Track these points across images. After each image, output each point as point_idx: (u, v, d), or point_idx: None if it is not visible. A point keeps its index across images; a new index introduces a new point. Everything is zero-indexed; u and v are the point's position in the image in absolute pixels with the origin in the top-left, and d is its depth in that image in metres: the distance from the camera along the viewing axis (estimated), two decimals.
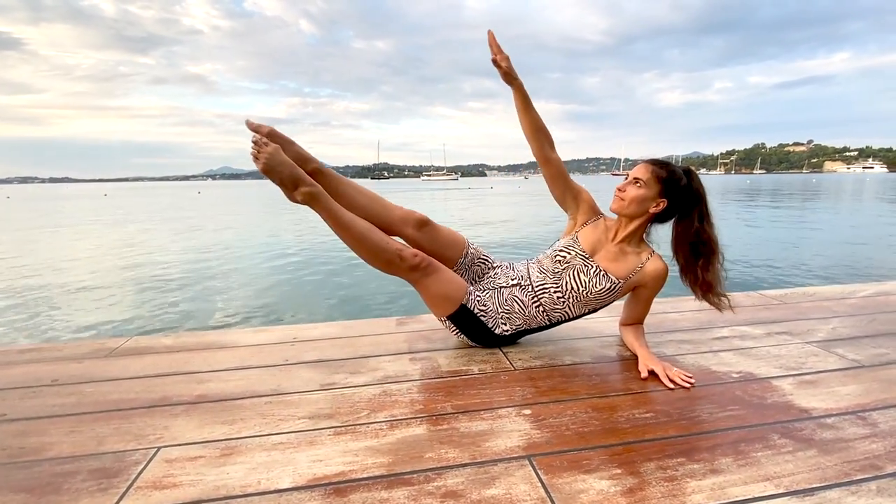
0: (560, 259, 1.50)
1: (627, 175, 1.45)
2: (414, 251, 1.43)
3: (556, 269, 1.49)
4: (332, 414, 1.15)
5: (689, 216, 1.40)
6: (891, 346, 1.55)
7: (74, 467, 0.95)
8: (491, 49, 1.43)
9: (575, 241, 1.51)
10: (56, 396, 1.26)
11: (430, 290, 1.46)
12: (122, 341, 1.67)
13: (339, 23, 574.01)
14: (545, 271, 1.50)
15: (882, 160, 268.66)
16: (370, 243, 1.39)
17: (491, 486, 0.88)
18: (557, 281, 1.48)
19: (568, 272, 1.48)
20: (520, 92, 1.46)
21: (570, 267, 1.48)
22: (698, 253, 1.39)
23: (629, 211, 1.42)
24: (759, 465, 0.94)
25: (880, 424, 1.09)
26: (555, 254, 1.51)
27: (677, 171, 1.40)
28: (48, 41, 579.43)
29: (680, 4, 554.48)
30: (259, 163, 1.32)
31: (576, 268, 1.47)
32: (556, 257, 1.50)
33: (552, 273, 1.49)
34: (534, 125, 1.48)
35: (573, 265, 1.48)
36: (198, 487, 0.89)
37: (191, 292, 5.74)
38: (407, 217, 1.51)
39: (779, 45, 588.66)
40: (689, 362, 1.44)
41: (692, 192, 1.40)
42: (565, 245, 1.52)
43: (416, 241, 1.51)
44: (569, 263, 1.48)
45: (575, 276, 1.47)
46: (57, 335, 4.31)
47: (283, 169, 1.33)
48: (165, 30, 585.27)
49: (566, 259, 1.49)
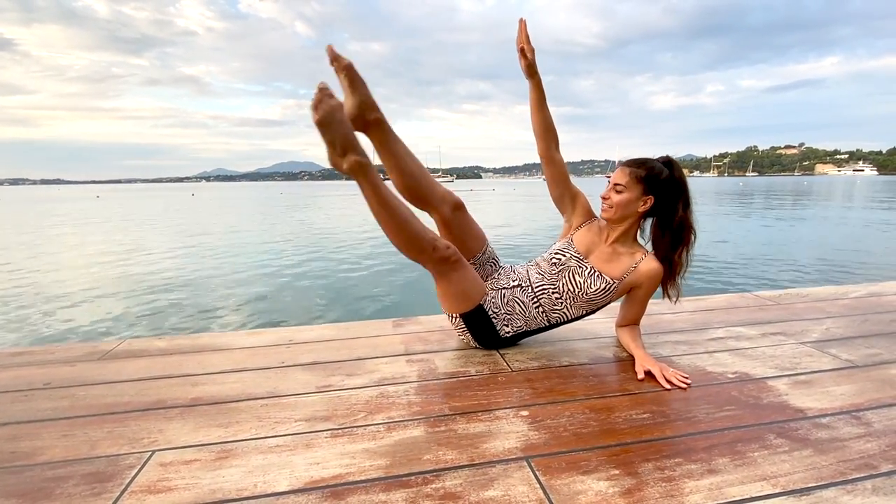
0: (556, 261, 1.51)
1: (609, 181, 1.46)
2: (447, 243, 1.39)
3: (553, 271, 1.50)
4: (329, 416, 1.14)
5: (673, 206, 1.42)
6: (883, 347, 1.56)
7: (67, 472, 0.94)
8: (519, 37, 1.42)
9: (570, 243, 1.53)
10: (48, 400, 1.24)
11: (452, 285, 1.44)
12: (116, 344, 1.65)
13: (334, 25, 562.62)
14: (543, 273, 1.52)
15: (872, 163, 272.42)
16: (409, 230, 1.33)
17: (489, 487, 0.88)
18: (555, 282, 1.49)
19: (564, 274, 1.49)
20: (538, 88, 1.47)
21: (566, 269, 1.49)
22: (680, 240, 1.42)
23: (619, 216, 1.44)
24: (755, 464, 0.94)
25: (874, 424, 1.09)
26: (551, 256, 1.53)
27: (656, 166, 1.41)
28: (40, 42, 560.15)
29: (672, 9, 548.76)
30: (316, 113, 1.18)
31: (571, 270, 1.48)
32: (552, 260, 1.52)
33: (549, 275, 1.50)
34: (544, 123, 1.49)
35: (568, 267, 1.49)
36: (193, 491, 0.88)
37: (185, 295, 5.70)
38: (446, 196, 1.50)
39: (769, 50, 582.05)
40: (685, 363, 1.45)
41: (675, 183, 1.42)
42: (561, 248, 1.53)
43: (448, 222, 1.50)
44: (564, 265, 1.50)
45: (571, 277, 1.48)
46: (49, 338, 4.26)
47: (338, 128, 1.20)
48: (159, 31, 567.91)
49: (562, 261, 1.50)
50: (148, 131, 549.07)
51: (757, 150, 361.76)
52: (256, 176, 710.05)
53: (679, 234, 1.42)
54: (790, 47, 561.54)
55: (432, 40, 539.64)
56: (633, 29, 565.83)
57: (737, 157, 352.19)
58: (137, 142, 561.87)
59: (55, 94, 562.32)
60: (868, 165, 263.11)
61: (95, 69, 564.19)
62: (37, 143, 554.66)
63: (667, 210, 1.43)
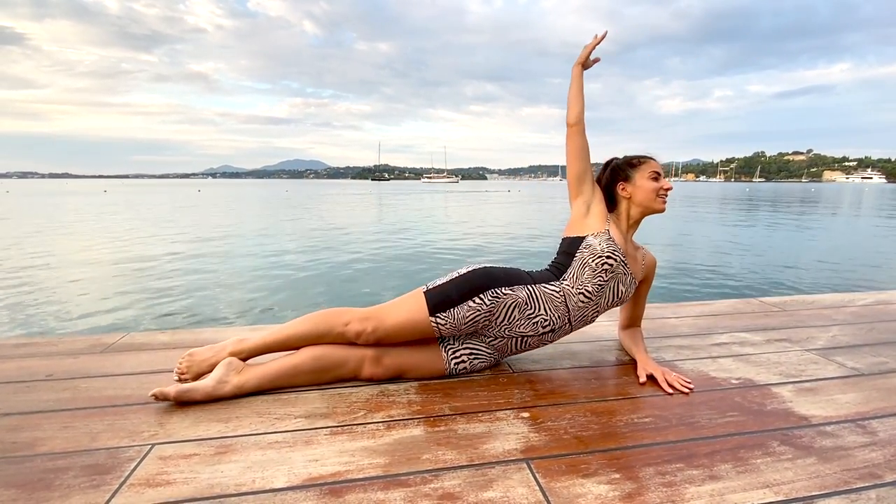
0: (607, 268, 1.32)
1: (651, 172, 1.39)
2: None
3: (600, 283, 1.33)
4: (329, 414, 1.14)
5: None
6: (890, 355, 1.55)
7: (67, 463, 0.94)
8: (591, 48, 1.42)
9: (613, 242, 1.34)
10: (50, 391, 1.25)
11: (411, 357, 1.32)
12: (118, 337, 1.65)
13: (342, 24, 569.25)
14: (590, 297, 1.33)
15: (880, 171, 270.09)
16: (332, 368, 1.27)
17: (488, 488, 0.87)
18: (598, 300, 1.34)
19: (611, 283, 1.34)
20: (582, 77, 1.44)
21: (614, 278, 1.34)
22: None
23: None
24: (758, 471, 0.93)
25: (880, 433, 1.08)
26: (602, 262, 1.31)
27: None
28: (51, 37, 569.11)
29: (681, 13, 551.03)
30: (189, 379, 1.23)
31: (618, 279, 1.35)
32: (603, 265, 1.31)
33: (596, 295, 1.33)
34: (583, 107, 1.41)
35: (616, 275, 1.34)
36: (191, 485, 0.87)
37: (188, 289, 5.72)
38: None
39: (778, 55, 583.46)
40: (688, 368, 1.44)
41: None
42: (610, 250, 1.32)
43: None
44: (614, 274, 1.33)
45: (616, 287, 1.35)
46: (52, 330, 4.29)
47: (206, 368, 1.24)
48: (169, 28, 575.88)
49: (612, 267, 1.32)
50: (156, 127, 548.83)
51: (764, 156, 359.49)
52: (262, 173, 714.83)
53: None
54: (800, 53, 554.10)
55: (440, 41, 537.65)
56: (641, 33, 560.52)
57: (744, 162, 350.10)
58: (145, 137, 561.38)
59: (65, 88, 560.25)
60: (877, 173, 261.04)
61: (105, 65, 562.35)
62: (46, 137, 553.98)
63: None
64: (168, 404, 1.17)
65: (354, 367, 1.29)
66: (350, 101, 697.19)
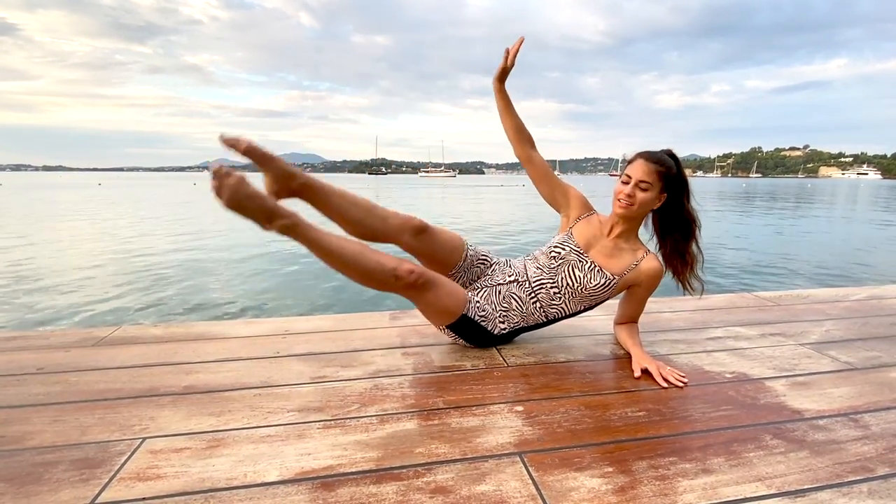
0: (555, 255, 1.49)
1: (623, 175, 1.39)
2: (410, 268, 1.30)
3: (552, 265, 1.48)
4: (322, 407, 1.13)
5: (679, 201, 1.41)
6: (883, 349, 1.55)
7: (56, 457, 0.93)
8: (512, 53, 1.47)
9: (569, 236, 1.51)
10: (40, 385, 1.24)
11: (429, 306, 1.40)
12: (111, 330, 1.64)
13: (339, 16, 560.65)
14: (542, 267, 1.49)
15: (876, 166, 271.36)
16: (363, 268, 1.28)
17: (481, 482, 0.87)
18: (553, 277, 1.47)
19: (563, 268, 1.46)
20: (505, 93, 1.51)
21: (566, 263, 1.47)
22: (689, 233, 1.43)
23: (637, 214, 1.41)
24: (751, 465, 0.93)
25: (872, 427, 1.08)
26: (550, 250, 1.51)
27: (667, 161, 1.38)
28: (43, 27, 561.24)
29: (679, 7, 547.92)
30: (221, 199, 1.15)
31: (571, 263, 1.46)
32: (551, 253, 1.50)
33: (548, 269, 1.48)
34: (516, 125, 1.52)
35: (568, 261, 1.47)
36: (182, 479, 0.87)
37: (181, 283, 5.70)
38: (404, 225, 1.42)
39: (776, 50, 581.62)
40: (682, 362, 1.44)
41: (682, 177, 1.41)
42: (560, 241, 1.51)
43: (414, 248, 1.46)
44: (564, 259, 1.47)
45: (570, 271, 1.46)
46: (44, 322, 4.26)
47: (250, 203, 1.17)
48: (164, 19, 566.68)
49: (561, 255, 1.48)
50: (150, 119, 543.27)
51: (761, 152, 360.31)
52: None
53: (687, 227, 1.42)
54: (797, 48, 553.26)
55: (438, 34, 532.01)
56: (639, 27, 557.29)
57: (741, 157, 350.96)
58: (140, 130, 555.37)
59: (58, 80, 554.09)
60: (872, 169, 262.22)
61: (98, 56, 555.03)
62: (39, 129, 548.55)
63: (673, 205, 1.41)
64: (159, 398, 1.16)
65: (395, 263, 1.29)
66: (347, 95, 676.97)
